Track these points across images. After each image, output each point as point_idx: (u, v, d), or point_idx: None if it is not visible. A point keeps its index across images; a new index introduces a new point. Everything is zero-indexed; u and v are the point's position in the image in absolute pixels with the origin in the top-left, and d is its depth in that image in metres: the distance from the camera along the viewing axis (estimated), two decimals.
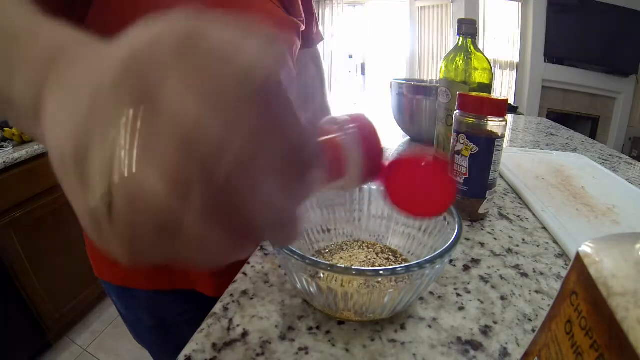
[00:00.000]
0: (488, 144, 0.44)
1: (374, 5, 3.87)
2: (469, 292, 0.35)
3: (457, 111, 0.47)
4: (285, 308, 0.33)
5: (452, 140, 0.48)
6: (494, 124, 0.44)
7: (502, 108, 0.44)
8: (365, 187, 0.40)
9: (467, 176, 0.46)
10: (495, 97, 0.45)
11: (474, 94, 0.49)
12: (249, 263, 0.39)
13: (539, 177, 0.63)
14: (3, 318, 1.22)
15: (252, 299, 0.34)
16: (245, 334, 0.30)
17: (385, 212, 0.40)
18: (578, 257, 0.16)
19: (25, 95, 0.15)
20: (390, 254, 0.39)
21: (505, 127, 0.45)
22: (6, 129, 1.32)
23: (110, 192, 0.12)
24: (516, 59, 3.45)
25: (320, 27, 0.69)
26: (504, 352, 0.28)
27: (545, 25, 3.23)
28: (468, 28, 0.55)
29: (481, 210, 0.48)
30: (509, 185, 0.62)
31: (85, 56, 0.15)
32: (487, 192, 0.47)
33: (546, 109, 3.47)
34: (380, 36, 3.96)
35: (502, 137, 0.45)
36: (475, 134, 0.44)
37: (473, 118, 0.45)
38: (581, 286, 0.15)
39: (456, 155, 0.47)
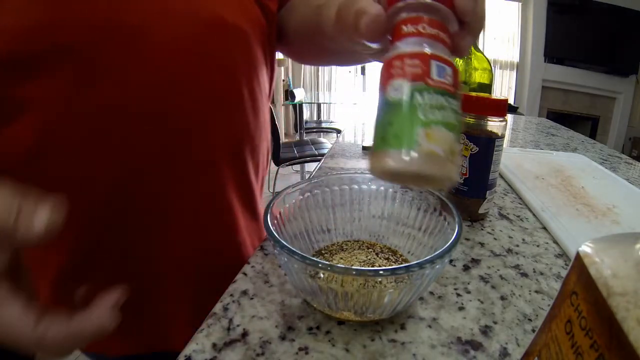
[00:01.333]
0: (488, 144, 0.44)
1: None
2: (469, 292, 0.35)
3: (465, 113, 0.46)
4: (285, 308, 0.33)
5: None
6: (494, 124, 0.44)
7: (502, 108, 0.44)
8: (365, 187, 0.40)
9: (467, 176, 0.46)
10: (496, 97, 0.45)
11: (474, 93, 0.49)
12: (249, 263, 0.39)
13: (539, 177, 0.63)
14: None
15: (252, 299, 0.34)
16: (245, 334, 0.30)
17: (385, 212, 0.40)
18: (578, 257, 0.16)
19: None
20: (390, 254, 0.39)
21: (505, 127, 0.45)
22: None
23: None
24: (516, 59, 3.45)
25: None
26: (504, 352, 0.28)
27: (545, 25, 3.23)
28: None
29: (481, 210, 0.48)
30: (509, 185, 0.62)
31: None
32: (487, 192, 0.47)
33: (546, 109, 3.48)
34: None
35: (502, 137, 0.45)
36: (475, 134, 0.44)
37: (473, 118, 0.45)
38: (581, 286, 0.15)
39: None
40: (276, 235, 0.29)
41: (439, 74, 0.20)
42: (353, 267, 0.26)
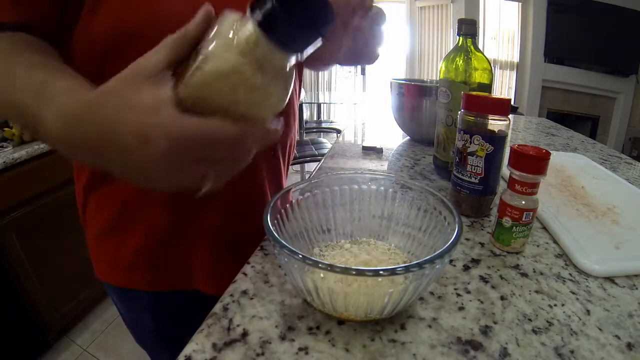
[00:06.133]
0: (501, 143, 0.45)
1: None
2: (469, 292, 0.35)
3: (474, 113, 0.46)
4: (285, 308, 0.33)
5: (459, 141, 0.48)
6: (503, 123, 0.45)
7: (506, 107, 0.45)
8: (365, 187, 0.40)
9: (483, 175, 0.47)
10: (505, 97, 0.46)
11: (479, 93, 0.50)
12: (249, 263, 0.39)
13: None
14: (3, 318, 1.22)
15: (252, 299, 0.34)
16: (245, 334, 0.30)
17: (385, 212, 0.40)
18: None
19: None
20: (390, 254, 0.39)
21: (509, 125, 0.46)
22: (6, 129, 1.32)
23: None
24: (516, 59, 3.45)
25: None
26: (504, 352, 0.28)
27: (545, 25, 3.22)
28: (468, 28, 0.55)
29: (492, 206, 0.50)
30: None
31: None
32: (497, 187, 0.49)
33: (546, 109, 3.47)
34: None
35: (507, 135, 0.46)
36: (490, 134, 0.45)
37: (493, 119, 0.45)
38: None
39: (469, 157, 0.47)
40: (276, 235, 0.29)
41: None
42: (353, 267, 0.26)
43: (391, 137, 0.92)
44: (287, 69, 0.24)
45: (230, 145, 0.25)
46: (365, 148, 0.80)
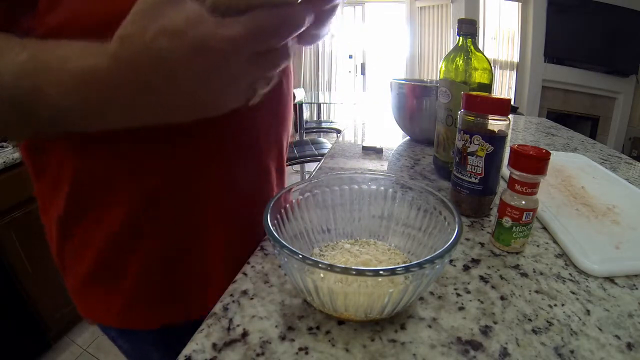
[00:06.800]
0: (501, 143, 0.45)
1: (374, 5, 3.87)
2: (469, 292, 0.35)
3: (474, 113, 0.46)
4: (285, 308, 0.33)
5: (459, 141, 0.48)
6: (503, 123, 0.45)
7: (507, 107, 0.45)
8: (365, 187, 0.40)
9: (483, 175, 0.47)
10: (505, 97, 0.46)
11: (479, 93, 0.50)
12: (249, 263, 0.39)
13: None
14: (3, 318, 1.22)
15: (252, 299, 0.34)
16: (245, 334, 0.30)
17: (385, 212, 0.40)
18: None
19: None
20: (390, 254, 0.39)
21: (509, 125, 0.46)
22: None
23: None
24: (516, 59, 3.45)
25: None
26: (504, 352, 0.28)
27: (545, 25, 3.22)
28: (468, 28, 0.55)
29: (492, 206, 0.50)
30: None
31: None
32: (497, 187, 0.49)
33: (546, 109, 3.47)
34: (380, 36, 3.97)
35: (507, 135, 0.46)
36: (490, 134, 0.45)
37: (493, 119, 0.45)
38: None
39: (469, 157, 0.47)
40: (276, 236, 0.29)
41: None
42: (353, 267, 0.26)
43: (391, 137, 0.92)
44: None
45: (273, 33, 0.25)
46: (365, 148, 0.80)
